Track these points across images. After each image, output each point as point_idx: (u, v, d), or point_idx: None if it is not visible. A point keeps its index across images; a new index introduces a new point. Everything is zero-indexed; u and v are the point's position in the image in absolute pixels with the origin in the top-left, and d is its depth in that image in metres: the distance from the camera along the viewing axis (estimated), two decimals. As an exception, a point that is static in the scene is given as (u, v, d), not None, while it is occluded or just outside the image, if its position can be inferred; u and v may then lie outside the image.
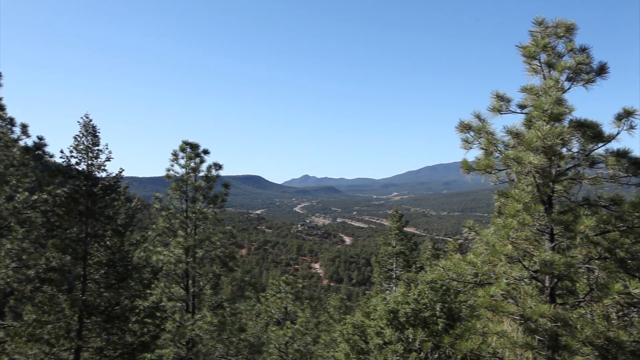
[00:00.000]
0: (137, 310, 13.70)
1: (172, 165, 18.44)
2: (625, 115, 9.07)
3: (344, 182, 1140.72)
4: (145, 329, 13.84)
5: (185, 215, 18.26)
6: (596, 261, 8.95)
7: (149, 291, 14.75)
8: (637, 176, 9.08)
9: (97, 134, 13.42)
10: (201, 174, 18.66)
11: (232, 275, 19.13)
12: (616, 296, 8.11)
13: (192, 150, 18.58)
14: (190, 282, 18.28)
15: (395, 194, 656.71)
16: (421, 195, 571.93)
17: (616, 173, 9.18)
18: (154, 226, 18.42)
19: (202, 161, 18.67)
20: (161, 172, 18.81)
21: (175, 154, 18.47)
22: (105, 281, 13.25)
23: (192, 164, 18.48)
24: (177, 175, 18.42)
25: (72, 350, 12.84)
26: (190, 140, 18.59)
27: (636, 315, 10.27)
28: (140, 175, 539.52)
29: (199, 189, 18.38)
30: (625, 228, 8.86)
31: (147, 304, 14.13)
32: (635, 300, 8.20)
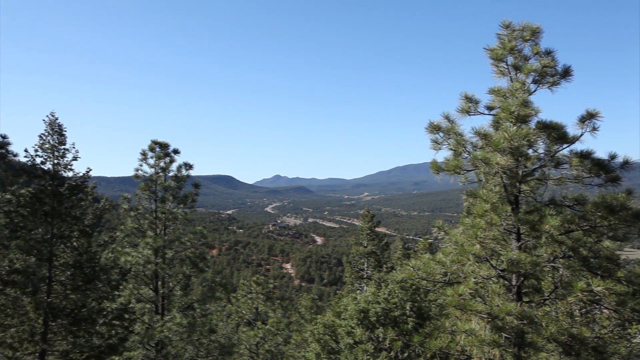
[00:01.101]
0: (105, 312, 13.46)
1: (141, 165, 18.17)
2: (588, 117, 9.31)
3: (315, 182, 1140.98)
4: (113, 331, 13.60)
5: (154, 215, 18.02)
6: (561, 260, 9.16)
7: (117, 293, 14.49)
8: (599, 177, 9.33)
9: (64, 132, 13.13)
10: (171, 173, 18.42)
11: (203, 276, 18.94)
12: (579, 294, 8.33)
13: (162, 150, 18.33)
14: (159, 283, 18.05)
15: (366, 194, 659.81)
16: (392, 195, 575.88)
17: (580, 174, 9.41)
18: (122, 227, 18.12)
19: (172, 161, 18.44)
20: (130, 172, 18.53)
21: (144, 154, 18.19)
22: (72, 283, 12.98)
23: (162, 164, 18.23)
24: (146, 175, 18.15)
25: (37, 354, 12.54)
26: (160, 139, 18.34)
27: (598, 312, 10.56)
28: (109, 175, 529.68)
29: (169, 189, 18.14)
30: (588, 227, 9.10)
31: (115, 305, 13.89)
32: (597, 297, 8.43)
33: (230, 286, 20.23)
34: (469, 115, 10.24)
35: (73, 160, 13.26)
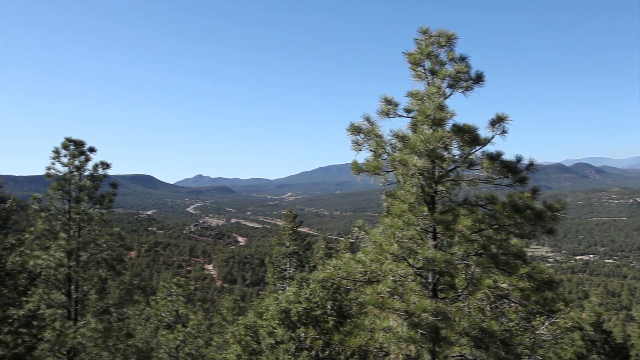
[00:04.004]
0: (10, 320, 12.69)
1: (54, 164, 17.23)
2: (498, 121, 9.86)
3: (238, 182, 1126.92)
4: (19, 340, 12.84)
5: (67, 216, 17.17)
6: (473, 257, 9.62)
7: (24, 298, 13.72)
8: (508, 178, 9.91)
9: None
10: (86, 172, 17.62)
11: (120, 278, 18.27)
12: (486, 290, 8.81)
13: (77, 148, 17.48)
14: (72, 287, 17.23)
15: (289, 194, 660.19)
16: (315, 195, 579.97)
17: (490, 175, 9.94)
18: (31, 228, 17.12)
19: (87, 159, 17.63)
20: (41, 171, 17.53)
21: (57, 152, 17.27)
22: (-27, 289, 12.15)
23: (77, 162, 17.40)
24: (59, 174, 17.25)
25: None
26: (75, 137, 17.49)
27: (507, 306, 11.21)
28: (17, 174, 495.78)
29: (84, 188, 17.35)
30: (497, 226, 9.64)
31: (23, 312, 13.13)
32: (505, 292, 8.96)
33: (150, 289, 19.69)
34: (389, 117, 10.51)
35: (-24, 158, 12.43)
